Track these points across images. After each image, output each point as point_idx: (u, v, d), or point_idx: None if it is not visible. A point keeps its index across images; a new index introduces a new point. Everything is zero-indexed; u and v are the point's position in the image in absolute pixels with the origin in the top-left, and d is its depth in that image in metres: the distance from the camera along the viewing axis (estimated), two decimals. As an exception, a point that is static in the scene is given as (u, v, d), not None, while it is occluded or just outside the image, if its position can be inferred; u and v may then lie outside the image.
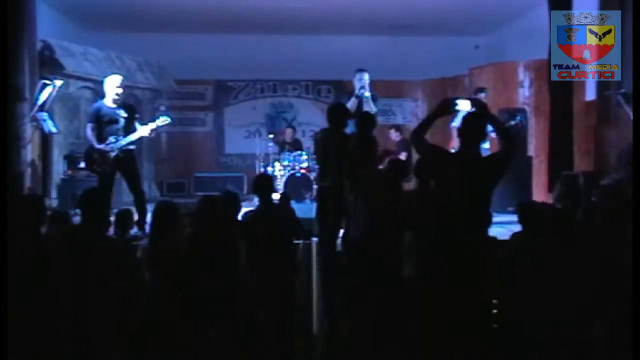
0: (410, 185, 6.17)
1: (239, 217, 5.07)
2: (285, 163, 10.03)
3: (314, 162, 6.94)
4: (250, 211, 5.17)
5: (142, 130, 6.73)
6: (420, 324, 4.07)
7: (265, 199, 5.11)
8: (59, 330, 3.76)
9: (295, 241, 5.30)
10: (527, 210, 4.46)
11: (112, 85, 6.73)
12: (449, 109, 4.30)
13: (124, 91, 6.83)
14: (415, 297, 4.14)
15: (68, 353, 3.75)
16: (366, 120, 6.05)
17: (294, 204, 5.96)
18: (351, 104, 7.04)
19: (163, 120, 6.88)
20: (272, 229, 4.87)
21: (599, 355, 4.07)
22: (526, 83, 10.58)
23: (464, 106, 4.26)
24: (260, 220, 4.93)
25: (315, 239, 5.78)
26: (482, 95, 8.27)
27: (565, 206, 5.20)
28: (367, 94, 7.19)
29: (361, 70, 7.35)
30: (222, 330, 4.26)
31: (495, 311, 4.25)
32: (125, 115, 6.74)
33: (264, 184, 5.21)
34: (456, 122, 7.41)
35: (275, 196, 5.84)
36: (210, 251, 4.29)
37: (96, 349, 3.77)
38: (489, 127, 4.54)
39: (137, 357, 3.97)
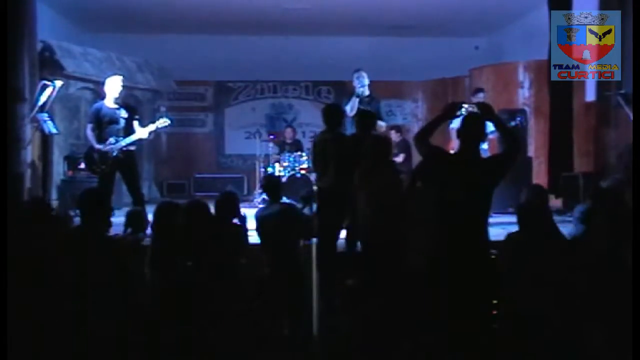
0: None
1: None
2: (286, 164, 10.03)
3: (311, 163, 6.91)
4: (263, 209, 5.29)
5: (142, 132, 6.75)
6: (421, 324, 4.08)
7: (276, 198, 5.31)
8: (60, 330, 3.76)
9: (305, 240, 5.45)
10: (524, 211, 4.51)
11: (113, 86, 6.74)
12: (455, 112, 4.29)
13: (122, 89, 6.82)
14: (415, 297, 4.14)
15: (69, 353, 3.75)
16: (361, 120, 6.09)
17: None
18: (352, 104, 7.02)
19: (163, 122, 6.90)
20: (285, 228, 5.05)
21: (599, 356, 4.07)
22: (526, 84, 10.59)
23: (470, 110, 4.24)
24: (273, 218, 5.11)
25: (315, 240, 5.77)
26: (480, 96, 8.28)
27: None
28: (383, 122, 7.06)
29: (358, 70, 7.31)
30: (223, 330, 4.26)
31: (495, 311, 4.25)
32: (125, 116, 6.75)
33: (274, 183, 5.47)
34: (455, 124, 7.39)
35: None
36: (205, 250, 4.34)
37: (97, 348, 3.78)
38: (489, 129, 4.55)
39: (138, 357, 3.97)
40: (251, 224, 5.33)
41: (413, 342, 4.07)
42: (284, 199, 5.68)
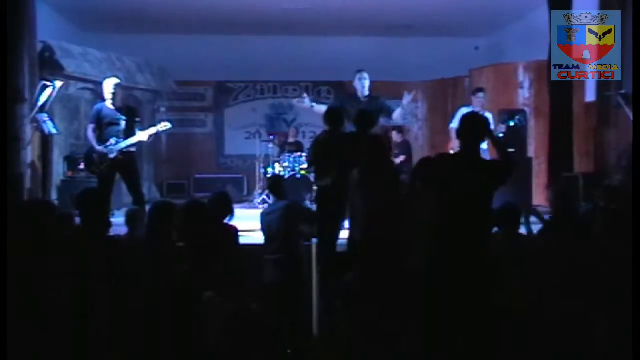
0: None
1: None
2: (286, 164, 10.03)
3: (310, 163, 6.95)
4: (268, 207, 5.59)
5: (142, 135, 6.76)
6: (422, 324, 4.07)
7: (282, 196, 5.51)
8: (59, 330, 3.76)
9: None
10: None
11: (108, 88, 6.77)
12: None
13: (120, 91, 6.82)
14: (415, 297, 4.14)
15: (68, 353, 3.74)
16: (361, 119, 6.12)
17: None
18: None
19: (164, 126, 6.94)
20: (289, 220, 5.21)
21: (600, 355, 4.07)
22: (526, 84, 10.59)
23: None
24: (278, 212, 5.26)
25: (315, 240, 5.78)
26: (481, 95, 8.27)
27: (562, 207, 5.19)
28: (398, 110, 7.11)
29: (360, 71, 7.30)
30: (222, 330, 4.26)
31: (495, 310, 4.24)
32: (126, 117, 6.76)
33: (279, 182, 5.75)
34: (455, 124, 7.40)
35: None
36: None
37: (96, 349, 3.77)
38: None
39: (138, 357, 3.96)
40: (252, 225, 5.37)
41: (412, 343, 4.06)
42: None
